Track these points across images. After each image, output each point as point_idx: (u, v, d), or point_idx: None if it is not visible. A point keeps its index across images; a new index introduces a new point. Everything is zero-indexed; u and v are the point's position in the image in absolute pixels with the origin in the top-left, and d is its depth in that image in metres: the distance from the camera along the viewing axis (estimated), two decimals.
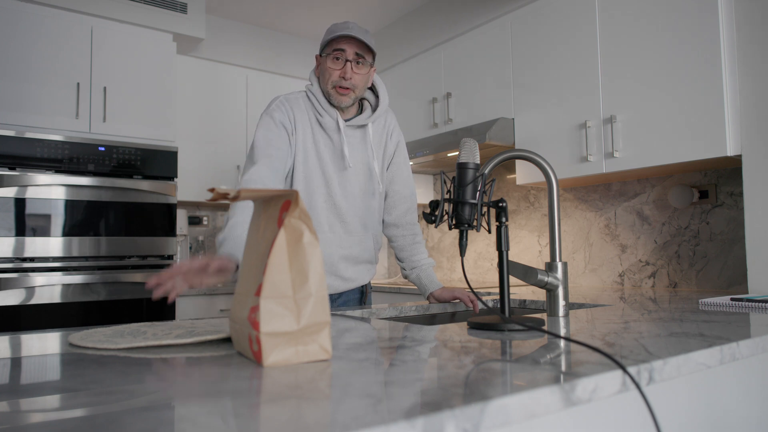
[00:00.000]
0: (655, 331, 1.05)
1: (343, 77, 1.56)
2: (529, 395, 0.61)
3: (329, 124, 1.61)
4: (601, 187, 2.58)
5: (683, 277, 2.26)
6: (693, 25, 1.93)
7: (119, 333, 1.04)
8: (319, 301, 0.79)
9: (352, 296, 1.73)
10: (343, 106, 1.60)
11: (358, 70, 1.58)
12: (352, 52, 1.56)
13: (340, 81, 1.57)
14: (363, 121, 1.66)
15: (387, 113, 1.74)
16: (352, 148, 1.65)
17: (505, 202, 1.21)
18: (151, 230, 2.80)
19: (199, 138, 3.30)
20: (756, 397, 1.28)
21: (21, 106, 2.59)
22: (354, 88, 1.59)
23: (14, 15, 2.60)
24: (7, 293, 2.45)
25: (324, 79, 1.60)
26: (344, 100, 1.59)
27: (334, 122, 1.62)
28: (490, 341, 0.96)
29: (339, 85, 1.57)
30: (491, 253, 3.15)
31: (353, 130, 1.66)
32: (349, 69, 1.56)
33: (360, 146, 1.67)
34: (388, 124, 1.74)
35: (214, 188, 0.78)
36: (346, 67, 1.56)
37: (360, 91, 1.61)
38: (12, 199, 2.46)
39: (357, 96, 1.62)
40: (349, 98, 1.59)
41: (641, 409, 0.97)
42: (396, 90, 3.37)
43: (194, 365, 0.79)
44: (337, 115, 1.61)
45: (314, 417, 0.53)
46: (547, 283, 1.26)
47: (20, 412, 0.57)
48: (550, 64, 2.44)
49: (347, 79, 1.56)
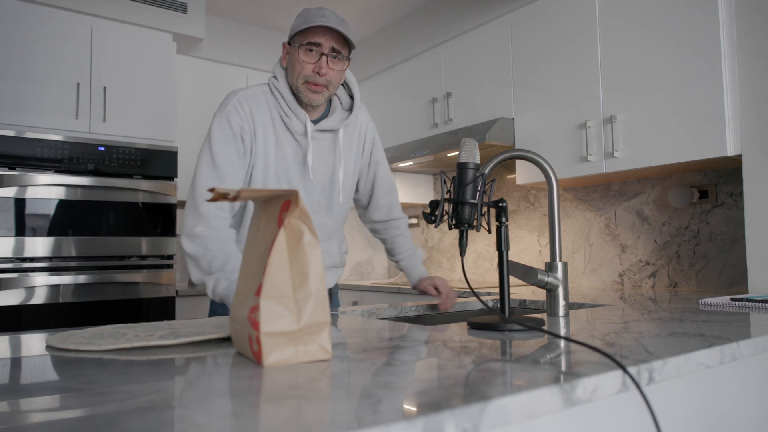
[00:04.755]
0: (655, 331, 1.05)
1: (317, 72, 1.38)
2: (529, 395, 0.61)
3: (296, 127, 1.45)
4: (601, 187, 2.58)
5: (683, 277, 2.26)
6: (693, 25, 1.93)
7: (98, 335, 1.01)
8: (319, 301, 0.79)
9: None
10: (314, 104, 1.44)
11: (335, 66, 1.40)
12: (328, 45, 1.38)
13: (314, 77, 1.39)
14: (335, 125, 1.50)
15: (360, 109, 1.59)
16: (318, 154, 1.49)
17: (505, 202, 1.21)
18: (151, 230, 2.80)
19: (199, 138, 3.29)
20: (756, 397, 1.28)
21: (21, 106, 2.59)
22: (328, 85, 1.41)
23: (14, 15, 2.60)
24: (7, 293, 2.44)
25: (293, 73, 1.41)
26: (316, 98, 1.42)
27: (302, 126, 1.45)
28: (490, 341, 0.96)
29: (312, 81, 1.39)
30: (491, 253, 3.15)
31: (322, 134, 1.50)
32: (324, 63, 1.38)
33: (328, 152, 1.52)
34: (361, 121, 1.60)
35: (214, 188, 0.78)
36: (320, 61, 1.38)
37: (334, 88, 1.45)
38: (12, 199, 2.46)
39: (330, 94, 1.45)
40: (321, 96, 1.42)
41: (641, 409, 0.97)
42: (396, 90, 3.37)
43: (194, 365, 0.79)
44: (306, 118, 1.45)
45: (314, 417, 0.53)
46: (547, 283, 1.26)
47: (20, 412, 0.57)
48: (550, 64, 2.44)
49: (322, 74, 1.38)
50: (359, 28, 3.62)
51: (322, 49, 1.38)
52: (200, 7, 3.13)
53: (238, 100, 1.42)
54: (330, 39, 1.38)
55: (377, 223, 1.75)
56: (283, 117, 1.44)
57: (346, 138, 1.56)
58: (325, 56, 1.38)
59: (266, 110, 1.44)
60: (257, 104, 1.44)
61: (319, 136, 1.49)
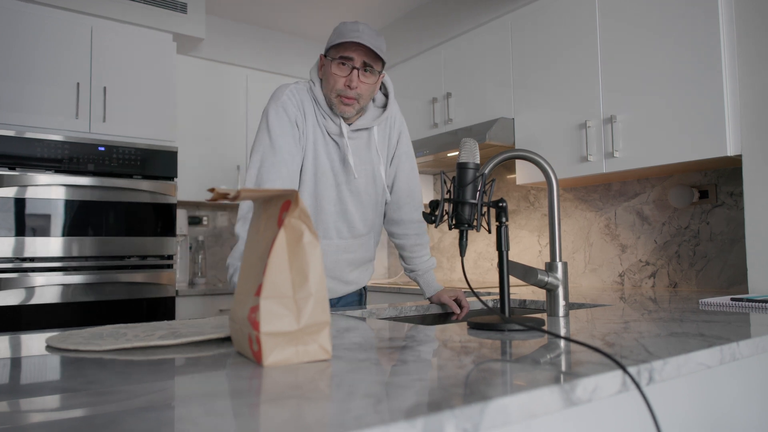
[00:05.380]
0: (655, 331, 1.05)
1: (348, 86, 1.44)
2: (529, 395, 0.61)
3: (332, 128, 1.51)
4: (601, 187, 2.58)
5: (683, 277, 2.26)
6: (693, 24, 1.93)
7: (98, 335, 1.01)
8: (319, 301, 0.79)
9: (351, 299, 1.73)
10: (346, 116, 1.50)
11: (366, 79, 1.46)
12: (360, 60, 1.43)
13: (345, 90, 1.45)
14: (369, 123, 1.55)
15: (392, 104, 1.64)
16: (356, 153, 1.55)
17: (505, 202, 1.21)
18: (151, 230, 2.80)
19: (199, 138, 3.30)
20: (756, 397, 1.28)
21: (21, 106, 2.59)
22: (359, 98, 1.47)
23: (14, 15, 2.60)
24: (7, 293, 2.45)
25: (328, 85, 1.48)
26: (347, 110, 1.48)
27: (337, 128, 1.51)
28: (490, 341, 0.96)
29: (343, 94, 1.45)
30: (491, 253, 3.15)
31: (357, 133, 1.56)
32: (356, 77, 1.43)
33: (364, 151, 1.57)
34: (393, 116, 1.64)
35: (214, 188, 0.78)
36: (352, 74, 1.43)
37: (365, 101, 1.50)
38: (12, 199, 2.46)
39: (362, 106, 1.50)
40: (353, 108, 1.48)
41: (641, 409, 0.97)
42: (396, 90, 3.37)
43: (194, 365, 0.79)
44: (341, 121, 1.51)
45: (314, 417, 0.53)
46: (547, 283, 1.26)
47: (20, 412, 0.57)
48: (550, 64, 2.44)
49: (353, 88, 1.44)
50: None
51: (354, 63, 1.44)
52: (200, 7, 3.13)
53: (291, 91, 1.50)
54: (362, 54, 1.43)
55: (392, 224, 1.70)
56: (322, 119, 1.51)
57: (381, 134, 1.61)
58: (356, 70, 1.44)
59: (311, 106, 1.51)
60: (306, 99, 1.51)
61: (354, 135, 1.55)
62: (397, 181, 1.67)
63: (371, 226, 1.64)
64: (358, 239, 1.61)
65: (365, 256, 1.66)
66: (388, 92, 1.62)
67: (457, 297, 1.65)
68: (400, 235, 1.70)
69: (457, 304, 1.64)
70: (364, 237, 1.63)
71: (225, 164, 3.37)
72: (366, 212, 1.60)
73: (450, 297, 1.65)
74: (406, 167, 1.67)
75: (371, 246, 1.68)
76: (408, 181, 1.68)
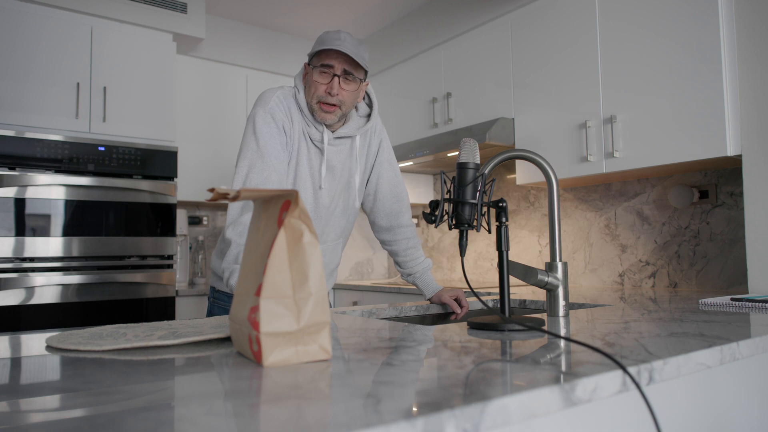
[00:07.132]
0: (655, 331, 1.05)
1: (328, 92, 1.46)
2: (529, 395, 0.61)
3: (315, 135, 1.53)
4: (601, 187, 2.58)
5: (683, 277, 2.26)
6: (693, 25, 1.93)
7: (98, 335, 1.01)
8: (319, 301, 0.79)
9: None
10: (327, 122, 1.51)
11: (347, 86, 1.47)
12: (340, 68, 1.45)
13: (326, 97, 1.46)
14: (352, 132, 1.57)
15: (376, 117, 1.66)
16: (337, 159, 1.57)
17: (505, 202, 1.21)
18: (151, 230, 2.80)
19: (199, 138, 3.30)
20: (756, 397, 1.28)
21: (21, 106, 2.59)
22: (341, 105, 1.48)
23: (14, 15, 2.60)
24: (7, 293, 2.44)
25: (309, 92, 1.50)
26: (328, 118, 1.49)
27: (320, 134, 1.53)
28: (490, 341, 0.96)
29: (324, 100, 1.47)
30: (491, 253, 3.15)
31: (340, 141, 1.58)
32: (336, 84, 1.45)
33: (346, 158, 1.60)
34: (374, 126, 1.68)
35: (214, 188, 0.78)
36: (332, 82, 1.45)
37: (347, 108, 1.51)
38: (12, 199, 2.46)
39: (343, 113, 1.51)
40: (333, 116, 1.49)
41: (641, 409, 0.97)
42: (396, 90, 3.37)
43: (194, 365, 0.79)
44: (323, 128, 1.53)
45: (314, 417, 0.53)
46: (547, 283, 1.26)
47: (20, 412, 0.57)
48: (550, 64, 2.44)
49: (333, 95, 1.46)
50: (359, 28, 3.62)
51: (335, 70, 1.46)
52: (200, 7, 3.13)
53: (278, 97, 1.51)
54: (342, 62, 1.45)
55: (383, 232, 1.72)
56: (303, 126, 1.53)
57: (362, 143, 1.63)
58: (337, 77, 1.46)
59: (298, 113, 1.53)
60: (293, 105, 1.52)
61: (336, 143, 1.57)
62: (381, 189, 1.69)
63: (341, 233, 1.69)
64: (325, 245, 1.65)
65: (332, 262, 1.71)
66: (372, 102, 1.65)
67: (457, 296, 1.65)
68: (392, 241, 1.71)
69: (457, 303, 1.64)
70: (332, 244, 1.67)
71: (225, 164, 3.37)
72: (339, 219, 1.64)
73: (450, 296, 1.65)
74: (389, 174, 1.70)
75: (338, 253, 1.72)
76: (393, 187, 1.70)
